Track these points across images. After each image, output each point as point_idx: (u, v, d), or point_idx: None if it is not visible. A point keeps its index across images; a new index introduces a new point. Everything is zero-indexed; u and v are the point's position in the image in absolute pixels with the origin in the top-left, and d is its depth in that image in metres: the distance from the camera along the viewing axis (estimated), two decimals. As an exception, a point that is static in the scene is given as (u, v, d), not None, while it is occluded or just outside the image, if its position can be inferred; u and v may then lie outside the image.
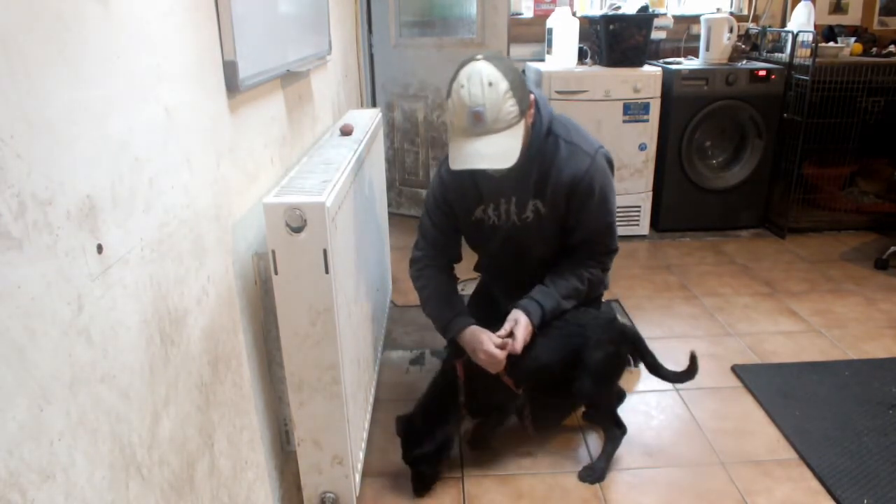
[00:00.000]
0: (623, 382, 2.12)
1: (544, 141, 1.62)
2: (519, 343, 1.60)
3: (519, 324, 1.63)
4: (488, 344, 1.59)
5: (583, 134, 1.69)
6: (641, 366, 2.19)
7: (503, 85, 1.41)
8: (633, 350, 1.83)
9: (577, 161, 1.62)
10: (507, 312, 1.69)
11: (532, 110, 1.55)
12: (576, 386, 1.66)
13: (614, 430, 1.75)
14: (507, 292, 1.89)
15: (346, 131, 1.87)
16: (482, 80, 1.41)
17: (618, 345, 1.70)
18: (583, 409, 1.95)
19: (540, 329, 1.66)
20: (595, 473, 1.69)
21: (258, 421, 1.32)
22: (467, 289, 2.81)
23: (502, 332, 1.63)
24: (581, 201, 1.65)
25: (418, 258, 1.85)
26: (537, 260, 1.78)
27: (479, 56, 1.47)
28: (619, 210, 3.43)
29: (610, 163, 1.74)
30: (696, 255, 3.20)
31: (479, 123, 1.42)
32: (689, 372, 1.74)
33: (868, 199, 3.60)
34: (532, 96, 1.55)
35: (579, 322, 1.70)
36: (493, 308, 1.86)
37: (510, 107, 1.43)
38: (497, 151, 1.44)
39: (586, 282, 1.72)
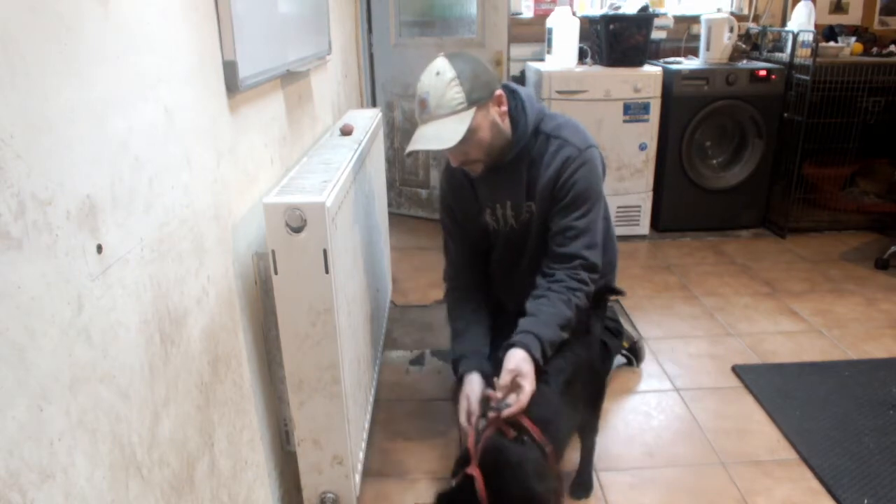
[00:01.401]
0: (623, 382, 2.12)
1: (533, 140, 1.63)
2: (526, 396, 1.38)
3: (524, 376, 1.41)
4: (462, 413, 1.50)
5: (577, 131, 1.66)
6: (642, 365, 2.20)
7: (449, 74, 1.47)
8: (630, 349, 1.83)
9: (563, 153, 1.61)
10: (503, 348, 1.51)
11: (503, 107, 1.56)
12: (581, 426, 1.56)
13: (594, 438, 1.65)
14: (508, 293, 1.88)
15: (346, 131, 1.87)
16: (431, 70, 1.51)
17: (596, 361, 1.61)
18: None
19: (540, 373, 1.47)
20: (586, 487, 1.64)
21: (258, 421, 1.32)
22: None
23: (503, 382, 1.42)
24: (564, 191, 1.60)
25: (447, 288, 1.85)
26: (537, 261, 1.75)
27: (442, 53, 1.54)
28: (619, 210, 3.46)
29: (602, 165, 1.69)
30: (696, 255, 3.20)
31: (423, 110, 1.50)
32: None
33: (868, 199, 3.60)
34: (498, 92, 1.55)
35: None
36: (497, 308, 1.84)
37: (454, 94, 1.47)
38: (437, 134, 1.48)
39: (573, 307, 1.56)
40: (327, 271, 1.24)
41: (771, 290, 2.77)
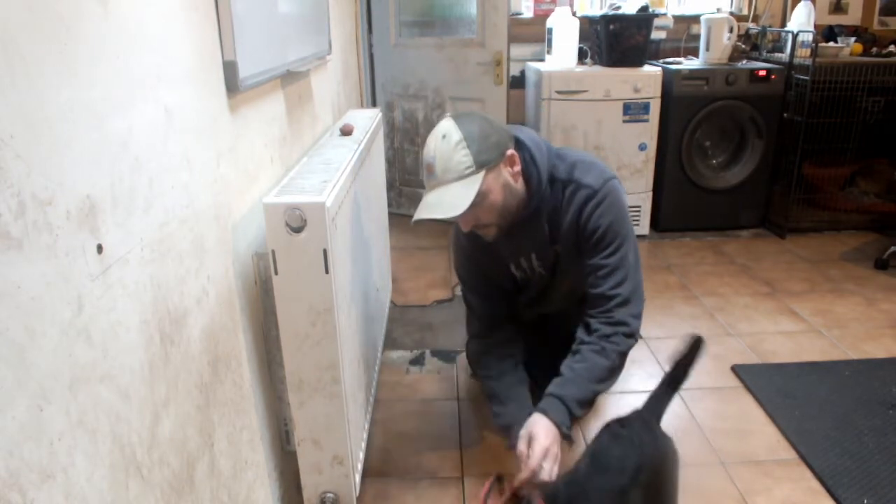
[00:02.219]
0: (623, 382, 2.12)
1: (548, 190, 1.55)
2: (533, 460, 1.35)
3: (535, 438, 1.38)
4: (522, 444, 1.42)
5: (590, 167, 1.57)
6: (641, 365, 2.20)
7: (456, 137, 1.40)
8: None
9: (579, 196, 1.54)
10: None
11: (515, 167, 1.48)
12: None
13: None
14: (541, 319, 1.88)
15: (346, 131, 1.87)
16: (437, 133, 1.43)
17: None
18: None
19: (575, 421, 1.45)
20: None
21: (258, 421, 1.32)
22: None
23: (519, 450, 1.40)
24: (588, 237, 1.55)
25: (476, 344, 1.80)
26: (564, 293, 1.74)
27: (448, 115, 1.47)
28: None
29: (624, 195, 1.62)
30: (696, 255, 3.20)
31: (430, 175, 1.43)
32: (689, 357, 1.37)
33: (868, 199, 3.60)
34: (510, 152, 1.46)
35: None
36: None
37: (462, 157, 1.39)
38: (444, 201, 1.40)
39: (611, 354, 1.50)
40: (327, 271, 1.24)
41: (771, 290, 2.77)
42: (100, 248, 0.75)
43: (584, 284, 1.60)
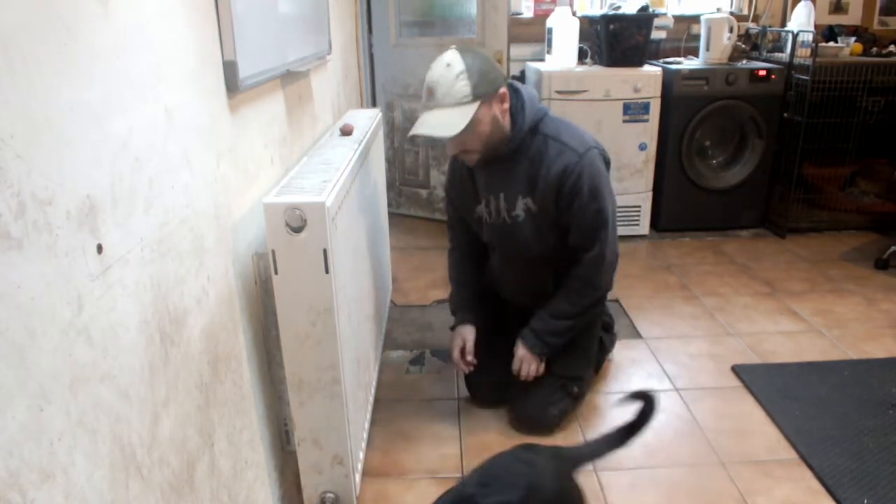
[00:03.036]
0: (623, 382, 2.12)
1: (530, 138, 1.70)
2: (516, 369, 1.86)
3: (516, 358, 1.85)
4: (456, 350, 1.91)
5: (576, 133, 1.73)
6: (641, 365, 2.20)
7: (458, 67, 1.56)
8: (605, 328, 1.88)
9: (564, 158, 1.67)
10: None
11: (505, 104, 1.65)
12: None
13: None
14: (512, 293, 2.00)
15: (346, 131, 1.87)
16: (442, 61, 1.59)
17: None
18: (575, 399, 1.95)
19: (550, 352, 1.84)
20: None
21: (258, 421, 1.32)
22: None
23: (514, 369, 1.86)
24: (569, 200, 1.69)
25: (450, 249, 2.07)
26: (538, 259, 1.82)
27: (454, 46, 1.63)
28: (619, 210, 3.44)
29: (606, 162, 1.77)
30: (696, 255, 3.20)
31: (430, 98, 1.59)
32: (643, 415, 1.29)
33: (868, 199, 3.60)
34: (502, 90, 1.63)
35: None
36: (501, 340, 1.98)
37: (461, 87, 1.56)
38: (441, 122, 1.57)
39: (577, 304, 1.80)
40: (327, 271, 1.24)
41: (771, 290, 2.77)
42: (100, 248, 0.75)
43: (543, 255, 1.81)
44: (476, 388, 2.00)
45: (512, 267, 1.91)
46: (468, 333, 1.91)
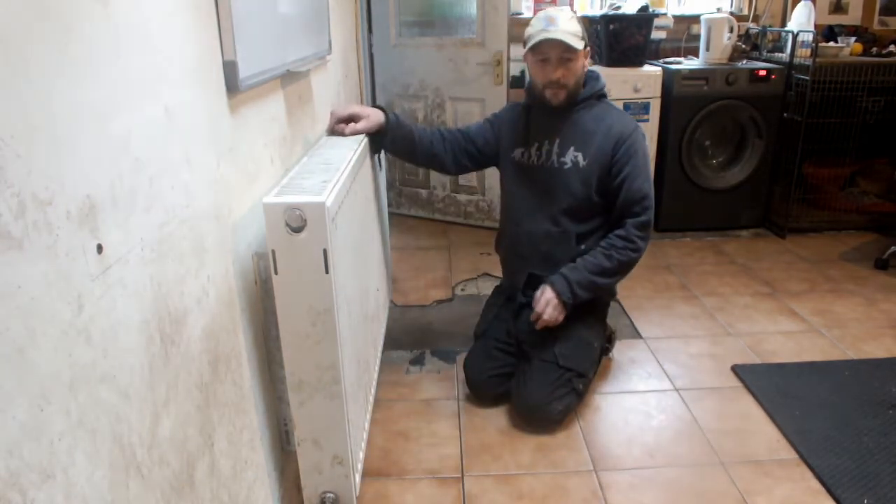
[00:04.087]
0: (623, 382, 2.12)
1: (596, 100, 1.94)
2: (539, 310, 1.85)
3: (541, 298, 1.85)
4: (347, 110, 1.92)
5: (626, 113, 2.05)
6: (642, 365, 2.20)
7: (571, 14, 1.86)
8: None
9: (625, 122, 1.91)
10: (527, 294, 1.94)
11: (587, 59, 1.90)
12: None
13: None
14: (525, 254, 2.04)
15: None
16: (555, 8, 1.88)
17: None
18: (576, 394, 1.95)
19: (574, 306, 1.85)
20: None
21: (258, 421, 1.32)
22: (467, 289, 2.82)
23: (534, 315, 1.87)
24: (624, 161, 1.86)
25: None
26: (561, 210, 1.93)
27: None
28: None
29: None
30: (696, 255, 3.20)
31: (552, 24, 1.81)
32: None
33: (868, 199, 3.60)
34: (588, 49, 1.89)
35: None
36: (503, 332, 2.03)
37: (577, 26, 1.83)
38: (567, 36, 1.79)
39: (615, 260, 1.86)
40: (327, 271, 1.24)
41: (771, 290, 2.77)
42: (100, 248, 0.75)
43: (570, 207, 1.92)
44: (476, 378, 2.00)
45: (533, 220, 1.98)
46: (372, 112, 1.92)
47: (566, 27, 1.80)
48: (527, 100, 2.02)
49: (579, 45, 1.82)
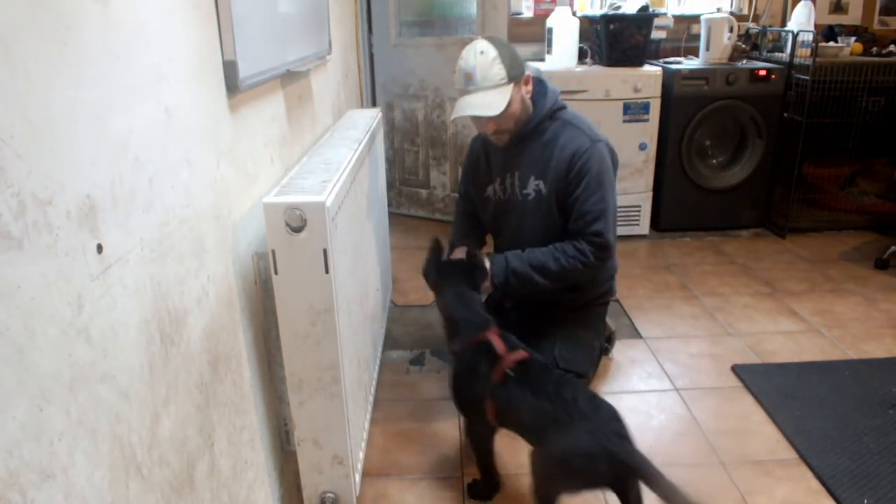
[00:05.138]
0: (623, 382, 2.12)
1: (548, 121, 1.84)
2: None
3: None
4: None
5: (590, 125, 1.86)
6: (642, 365, 2.20)
7: (492, 53, 1.70)
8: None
9: (577, 142, 1.81)
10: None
11: (529, 86, 1.80)
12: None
13: None
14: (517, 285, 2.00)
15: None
16: (475, 49, 1.72)
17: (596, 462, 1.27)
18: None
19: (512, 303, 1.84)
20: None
21: (258, 421, 1.32)
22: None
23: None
24: (577, 182, 1.80)
25: (456, 210, 2.20)
26: (538, 243, 1.88)
27: (480, 36, 1.82)
28: (619, 210, 3.44)
29: (613, 157, 1.87)
30: (696, 254, 3.20)
31: (469, 82, 1.72)
32: None
33: (868, 199, 3.60)
34: (528, 73, 1.79)
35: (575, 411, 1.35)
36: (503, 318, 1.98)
37: (498, 70, 1.70)
38: (483, 103, 1.71)
39: (560, 264, 1.80)
40: (327, 271, 1.24)
41: (771, 290, 2.77)
42: (100, 248, 0.75)
43: (543, 240, 1.86)
44: None
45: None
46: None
47: (485, 82, 1.69)
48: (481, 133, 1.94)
49: (503, 101, 1.70)
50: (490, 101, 1.71)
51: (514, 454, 1.78)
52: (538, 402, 1.39)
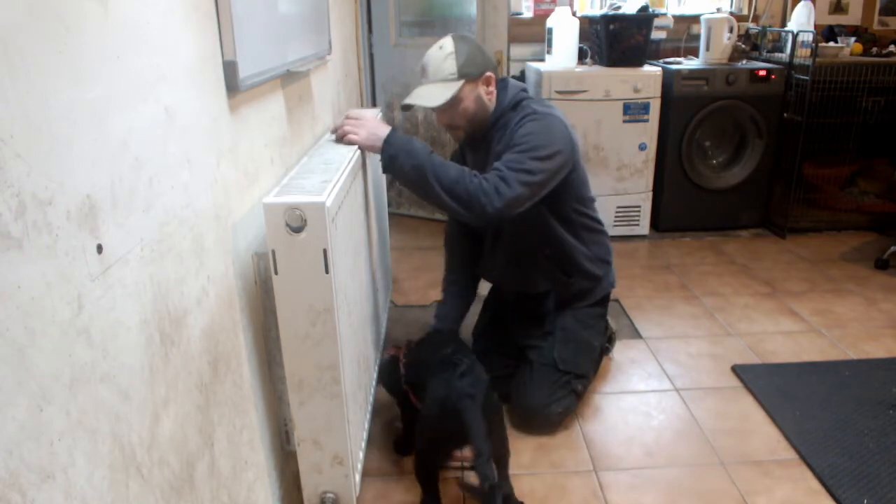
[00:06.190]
0: (623, 382, 2.12)
1: (510, 112, 1.81)
2: (350, 126, 1.70)
3: (368, 119, 1.74)
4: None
5: (550, 106, 1.81)
6: (642, 365, 2.20)
7: (448, 49, 1.74)
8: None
9: (527, 117, 1.75)
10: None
11: (490, 87, 1.80)
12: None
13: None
14: (499, 276, 2.04)
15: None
16: (437, 44, 1.78)
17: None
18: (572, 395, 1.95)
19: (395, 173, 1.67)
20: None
21: (258, 421, 1.32)
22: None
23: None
24: (516, 141, 1.70)
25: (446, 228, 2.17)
26: (521, 239, 1.89)
27: (451, 33, 1.81)
28: (618, 210, 3.46)
29: (573, 144, 1.77)
30: (696, 255, 3.20)
31: (423, 74, 1.79)
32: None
33: (868, 199, 3.60)
34: (489, 74, 1.78)
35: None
36: (501, 333, 2.04)
37: (448, 66, 1.74)
38: (426, 94, 1.77)
39: (457, 179, 1.61)
40: (327, 271, 1.24)
41: (771, 290, 2.77)
42: (100, 248, 0.75)
43: (524, 234, 1.87)
44: None
45: (499, 247, 1.96)
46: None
47: (434, 75, 1.73)
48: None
49: (446, 95, 1.71)
50: (433, 93, 1.75)
51: (514, 454, 1.78)
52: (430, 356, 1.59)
